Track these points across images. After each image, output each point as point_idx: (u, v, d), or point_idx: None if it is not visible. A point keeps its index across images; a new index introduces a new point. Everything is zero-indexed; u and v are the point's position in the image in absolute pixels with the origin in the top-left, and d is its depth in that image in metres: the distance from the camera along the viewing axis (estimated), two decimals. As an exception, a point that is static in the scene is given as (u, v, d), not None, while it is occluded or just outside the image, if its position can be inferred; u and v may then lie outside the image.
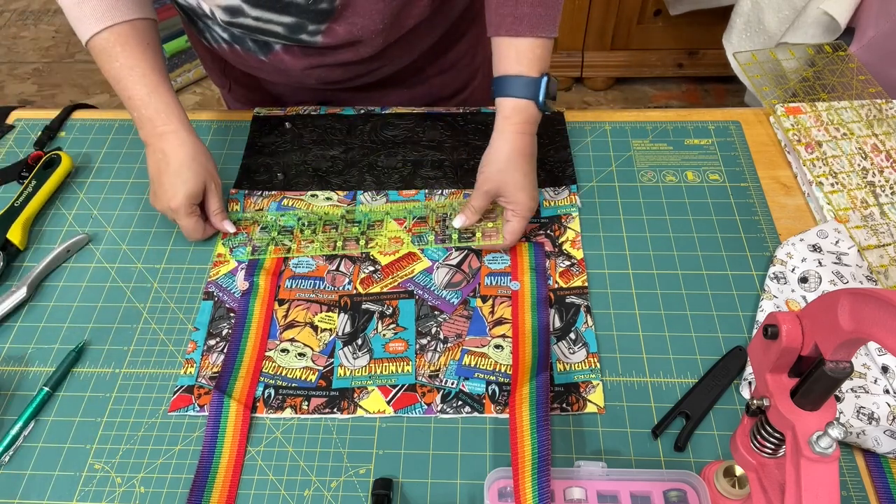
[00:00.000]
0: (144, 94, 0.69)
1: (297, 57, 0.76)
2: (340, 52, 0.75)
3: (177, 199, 0.69)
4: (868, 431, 0.58)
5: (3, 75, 2.26)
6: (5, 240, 0.74)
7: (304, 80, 0.81)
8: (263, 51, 0.77)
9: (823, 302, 0.42)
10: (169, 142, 0.69)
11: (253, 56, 0.78)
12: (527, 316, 0.67)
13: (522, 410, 0.57)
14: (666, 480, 0.55)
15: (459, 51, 0.90)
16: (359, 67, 0.79)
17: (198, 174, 0.70)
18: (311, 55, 0.76)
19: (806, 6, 1.16)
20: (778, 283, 0.69)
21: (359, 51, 0.75)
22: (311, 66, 0.77)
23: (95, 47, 0.69)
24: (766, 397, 0.48)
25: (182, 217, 0.71)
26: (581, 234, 0.75)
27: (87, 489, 0.59)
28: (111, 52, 0.68)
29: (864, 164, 0.78)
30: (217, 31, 0.77)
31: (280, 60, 0.77)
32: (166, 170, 0.69)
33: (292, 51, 0.76)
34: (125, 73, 0.69)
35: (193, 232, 0.72)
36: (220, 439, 0.61)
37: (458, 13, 0.84)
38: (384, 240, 0.74)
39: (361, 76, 0.82)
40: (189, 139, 0.70)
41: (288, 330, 0.68)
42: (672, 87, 2.11)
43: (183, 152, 0.70)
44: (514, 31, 0.66)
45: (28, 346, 0.68)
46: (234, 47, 0.78)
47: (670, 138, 0.84)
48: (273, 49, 0.76)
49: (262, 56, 0.77)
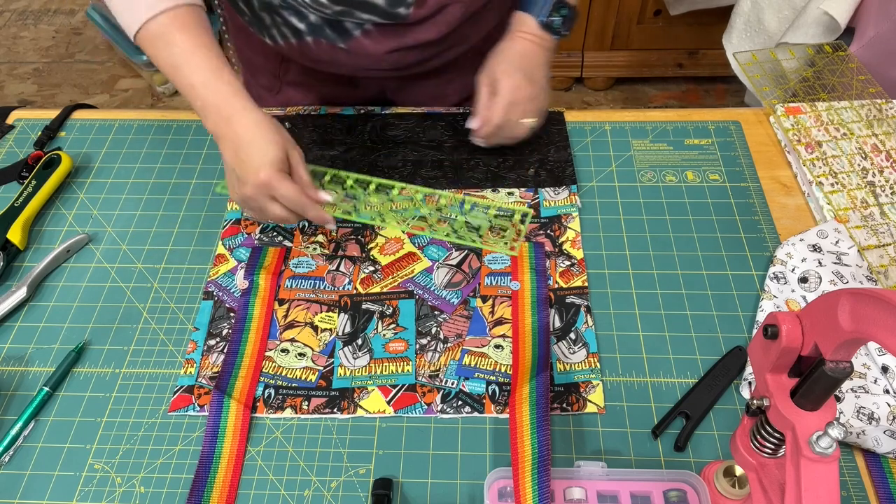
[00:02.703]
0: (208, 78, 0.64)
1: (378, 40, 0.75)
2: (422, 27, 0.74)
3: (263, 170, 0.62)
4: (868, 431, 0.58)
5: (3, 75, 2.26)
6: (5, 240, 0.74)
7: (377, 67, 0.80)
8: (343, 38, 0.75)
9: (823, 302, 0.42)
10: (241, 124, 0.63)
11: (329, 46, 0.76)
12: (527, 316, 0.68)
13: (522, 410, 0.57)
14: (666, 480, 0.55)
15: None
16: (432, 48, 0.79)
17: (277, 144, 0.64)
18: (391, 36, 0.75)
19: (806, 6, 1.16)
20: (778, 283, 0.69)
21: (439, 26, 0.75)
22: (391, 50, 0.76)
23: (150, 32, 0.63)
24: (766, 397, 0.48)
25: (278, 186, 0.63)
26: (581, 234, 0.75)
27: (87, 489, 0.59)
28: (169, 38, 0.63)
29: (864, 164, 0.78)
30: (294, 23, 0.75)
31: (360, 46, 0.76)
32: (242, 148, 0.63)
33: (372, 34, 0.75)
34: (185, 59, 0.64)
35: (298, 197, 0.64)
36: (220, 439, 0.61)
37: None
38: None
39: (431, 59, 0.81)
40: (260, 117, 0.64)
41: (288, 330, 0.68)
42: (672, 87, 2.11)
43: (259, 129, 0.64)
44: None
45: (28, 346, 0.68)
46: (306, 40, 0.76)
47: (670, 138, 0.84)
48: (353, 35, 0.75)
49: (340, 43, 0.76)
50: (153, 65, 2.08)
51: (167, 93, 2.17)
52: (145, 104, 2.16)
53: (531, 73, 0.75)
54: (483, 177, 0.80)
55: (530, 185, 0.79)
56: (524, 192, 0.78)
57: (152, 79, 2.13)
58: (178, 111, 0.90)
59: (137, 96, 2.18)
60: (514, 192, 0.78)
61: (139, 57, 2.05)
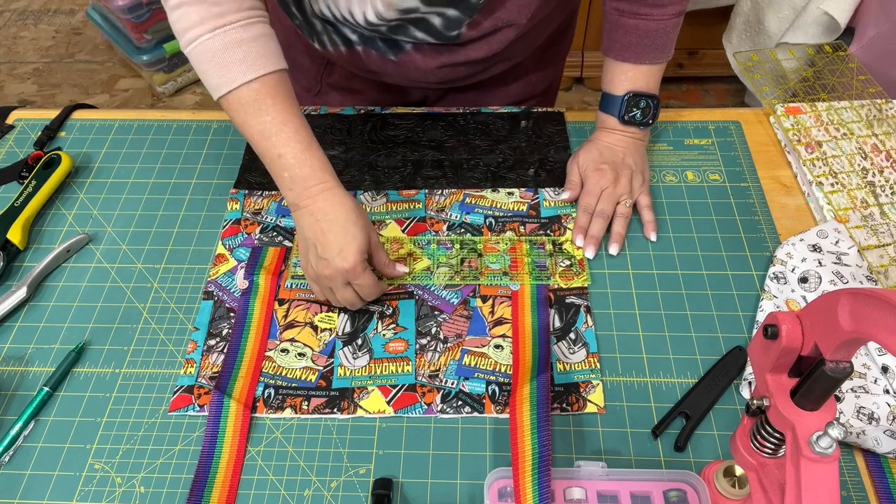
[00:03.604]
0: (299, 151, 0.62)
1: (429, 56, 0.75)
2: (474, 46, 0.75)
3: (351, 257, 0.62)
4: (868, 431, 0.58)
5: (3, 75, 2.26)
6: (5, 240, 0.74)
7: (425, 80, 0.80)
8: (394, 51, 0.76)
9: (823, 302, 0.42)
10: (328, 200, 0.63)
11: (379, 57, 0.77)
12: (527, 316, 0.68)
13: (522, 410, 0.57)
14: (666, 480, 0.55)
15: (559, 50, 0.92)
16: (480, 64, 0.79)
17: (364, 229, 0.63)
18: (442, 53, 0.75)
19: (806, 6, 1.16)
20: (778, 283, 0.69)
21: (491, 45, 0.75)
22: (441, 66, 0.76)
23: (241, 99, 0.61)
24: (766, 397, 0.48)
25: (360, 275, 0.63)
26: (581, 234, 0.75)
27: (87, 489, 0.59)
28: (261, 106, 0.61)
29: (864, 164, 0.78)
30: (346, 34, 0.75)
31: (411, 60, 0.76)
32: (331, 229, 0.62)
33: (423, 50, 0.75)
34: (276, 129, 0.62)
35: (373, 288, 0.65)
36: (220, 439, 0.61)
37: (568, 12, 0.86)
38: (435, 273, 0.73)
39: (477, 74, 0.82)
40: (346, 196, 0.64)
41: (288, 330, 0.68)
42: (672, 87, 2.11)
43: (345, 209, 0.63)
44: (621, 57, 0.75)
45: (28, 346, 0.68)
46: (356, 49, 0.77)
47: (670, 138, 0.84)
48: (404, 49, 0.75)
49: (391, 56, 0.76)
50: (153, 65, 2.09)
51: (167, 93, 2.17)
52: (145, 104, 2.16)
53: (618, 163, 0.76)
54: (483, 177, 0.80)
55: (530, 185, 0.79)
56: (524, 192, 0.78)
57: (152, 79, 2.13)
58: (178, 111, 0.90)
59: (137, 96, 2.18)
60: (514, 192, 0.78)
61: (139, 57, 2.05)
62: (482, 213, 0.76)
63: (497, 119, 0.85)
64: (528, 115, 0.86)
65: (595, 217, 0.74)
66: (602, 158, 0.76)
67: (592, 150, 0.77)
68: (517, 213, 0.76)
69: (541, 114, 0.86)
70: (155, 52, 2.05)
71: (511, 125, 0.85)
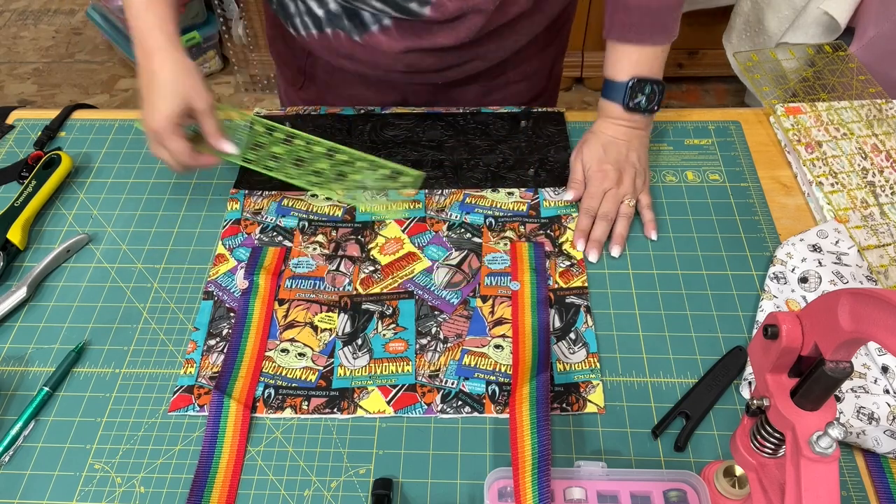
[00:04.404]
0: (142, 5, 0.67)
1: (394, 38, 0.75)
2: (441, 31, 0.74)
3: (157, 118, 0.66)
4: (868, 431, 0.58)
5: (3, 75, 2.26)
6: (5, 240, 0.74)
7: (394, 67, 0.80)
8: (359, 30, 0.76)
9: (823, 302, 0.42)
10: (155, 60, 0.66)
11: (346, 39, 0.77)
12: (527, 316, 0.68)
13: (522, 410, 0.57)
14: (666, 480, 0.55)
15: (544, 59, 0.91)
16: (451, 56, 0.78)
17: (181, 95, 0.66)
18: (408, 36, 0.75)
19: (806, 6, 1.16)
20: (778, 283, 0.69)
21: (458, 32, 0.74)
22: (406, 50, 0.76)
23: None
24: (766, 397, 0.48)
25: (166, 138, 0.67)
26: (581, 234, 0.75)
27: (87, 489, 0.59)
28: None
29: (864, 164, 0.78)
30: (314, 9, 0.76)
31: (376, 42, 0.76)
32: (150, 89, 0.67)
33: (389, 32, 0.75)
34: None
35: (183, 155, 0.68)
36: (220, 439, 0.61)
37: (551, 19, 0.85)
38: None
39: (451, 68, 0.81)
40: (177, 59, 0.67)
41: (288, 330, 0.68)
42: (672, 87, 2.11)
43: (168, 71, 0.66)
44: (623, 38, 0.74)
45: (28, 346, 0.68)
46: (325, 32, 0.77)
47: (670, 138, 0.84)
48: (369, 29, 0.75)
49: (356, 36, 0.76)
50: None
51: (167, 93, 2.17)
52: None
53: (622, 161, 0.75)
54: (483, 177, 0.80)
55: (530, 185, 0.79)
56: (524, 192, 0.78)
57: (152, 79, 2.12)
58: (178, 111, 0.90)
59: (137, 96, 2.17)
60: (514, 192, 0.78)
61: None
62: (482, 213, 0.76)
63: (497, 119, 0.85)
64: (528, 115, 0.86)
65: (598, 220, 0.74)
66: (606, 157, 0.75)
67: (596, 146, 0.77)
68: (517, 213, 0.76)
69: (541, 114, 0.86)
70: (155, 52, 2.05)
71: (511, 125, 0.85)
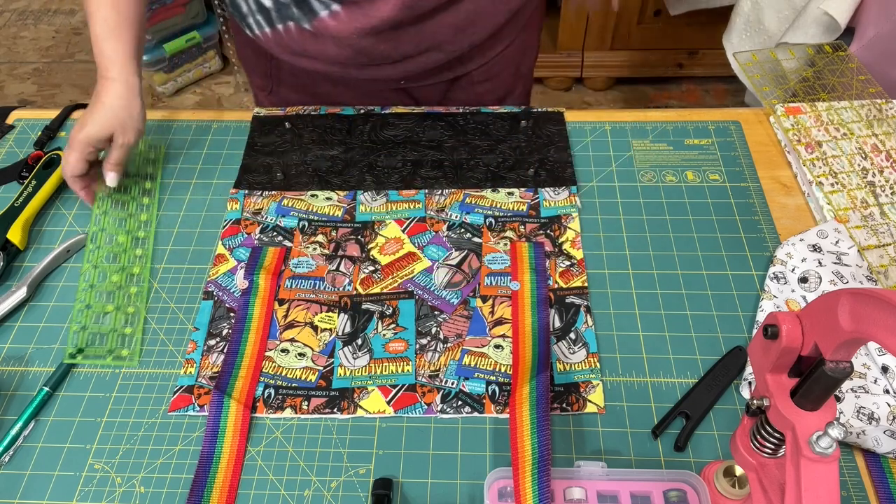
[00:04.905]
0: (102, 33, 0.72)
1: (342, 21, 0.75)
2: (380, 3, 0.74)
3: (80, 133, 0.72)
4: (868, 431, 0.58)
5: (3, 75, 2.26)
6: (5, 240, 0.74)
7: (349, 59, 0.80)
8: (308, 17, 0.76)
9: (823, 302, 0.42)
10: (104, 86, 0.73)
11: (297, 31, 0.77)
12: (527, 316, 0.68)
13: (522, 410, 0.57)
14: (666, 480, 0.55)
15: (507, 58, 0.91)
16: (405, 43, 0.78)
17: (107, 123, 0.72)
18: (355, 15, 0.75)
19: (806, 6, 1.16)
20: (778, 283, 0.69)
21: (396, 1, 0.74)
22: (357, 32, 0.76)
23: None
24: (766, 397, 0.48)
25: (67, 159, 0.73)
26: (581, 234, 0.75)
27: (87, 489, 0.59)
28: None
29: (864, 164, 0.78)
30: (263, 1, 0.76)
31: (325, 27, 0.76)
32: (92, 107, 0.73)
33: (337, 16, 0.75)
34: (94, 9, 0.72)
35: (68, 167, 0.73)
36: (220, 439, 0.61)
37: (512, 11, 0.84)
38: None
39: (407, 59, 0.81)
40: (119, 91, 0.73)
41: (288, 330, 0.68)
42: (672, 87, 2.11)
43: (109, 98, 0.72)
44: None
45: (28, 346, 0.68)
46: (277, 28, 0.78)
47: (670, 138, 0.84)
48: (318, 15, 0.75)
49: (305, 24, 0.76)
50: (152, 65, 2.09)
51: (167, 93, 2.17)
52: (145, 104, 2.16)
53: None
54: (483, 177, 0.80)
55: (530, 185, 0.79)
56: (524, 192, 0.78)
57: (152, 79, 2.13)
58: (178, 111, 0.90)
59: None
60: (514, 192, 0.78)
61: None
62: (482, 213, 0.76)
63: (497, 119, 0.85)
64: (528, 115, 0.86)
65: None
66: None
67: None
68: (517, 213, 0.76)
69: (541, 114, 0.86)
70: (155, 52, 2.05)
71: (511, 125, 0.85)
